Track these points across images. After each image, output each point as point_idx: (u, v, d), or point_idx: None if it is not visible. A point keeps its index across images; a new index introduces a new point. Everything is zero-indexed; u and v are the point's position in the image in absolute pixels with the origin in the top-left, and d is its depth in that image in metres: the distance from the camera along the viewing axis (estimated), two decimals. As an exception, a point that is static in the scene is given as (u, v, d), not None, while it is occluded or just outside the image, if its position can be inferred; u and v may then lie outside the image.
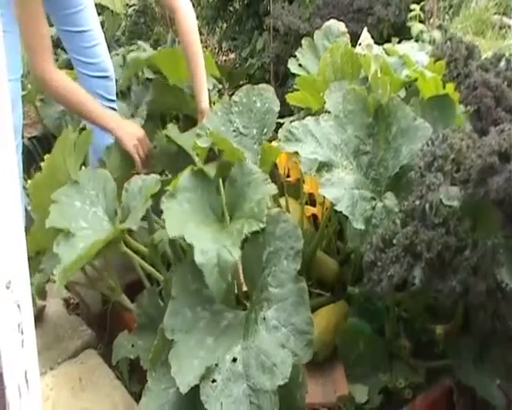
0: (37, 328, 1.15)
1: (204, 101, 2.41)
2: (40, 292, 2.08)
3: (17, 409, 1.07)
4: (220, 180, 1.83)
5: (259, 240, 1.57)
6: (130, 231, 1.86)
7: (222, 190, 1.80)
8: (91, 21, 2.62)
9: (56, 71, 2.22)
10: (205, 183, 1.72)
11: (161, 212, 1.60)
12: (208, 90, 2.49)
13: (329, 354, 1.89)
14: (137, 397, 1.64)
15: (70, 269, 1.66)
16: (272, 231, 1.55)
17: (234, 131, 2.09)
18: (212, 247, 1.50)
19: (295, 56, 2.40)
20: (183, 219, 1.59)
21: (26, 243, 1.10)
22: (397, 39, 3.03)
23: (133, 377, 2.02)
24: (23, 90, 3.02)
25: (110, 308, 2.19)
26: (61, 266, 1.64)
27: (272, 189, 1.65)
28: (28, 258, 1.11)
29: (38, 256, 1.95)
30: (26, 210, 2.32)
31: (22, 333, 1.08)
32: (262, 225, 1.54)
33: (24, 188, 2.43)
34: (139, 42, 3.65)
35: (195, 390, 1.41)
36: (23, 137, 3.32)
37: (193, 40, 2.44)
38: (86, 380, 2.01)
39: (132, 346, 1.91)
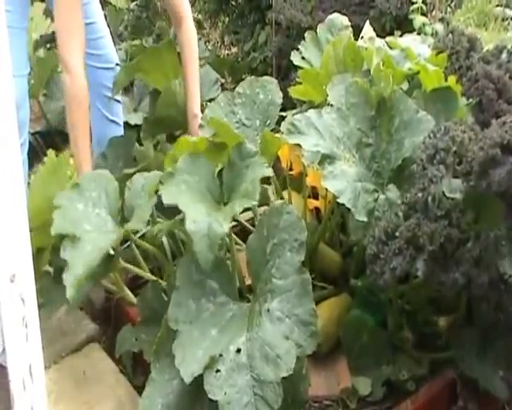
0: (41, 322, 1.16)
1: (196, 106, 2.47)
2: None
3: (21, 402, 1.08)
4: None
5: (263, 232, 1.58)
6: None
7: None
8: (97, 14, 2.66)
9: (79, 70, 2.19)
10: (203, 166, 1.71)
11: (160, 201, 1.60)
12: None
13: (332, 346, 1.90)
14: (141, 390, 1.63)
15: (84, 278, 1.62)
16: (276, 223, 1.56)
17: (237, 122, 2.09)
18: (204, 218, 1.51)
19: (298, 50, 2.39)
20: (179, 195, 1.60)
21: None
22: (399, 32, 3.03)
23: (137, 370, 2.02)
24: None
25: (114, 302, 2.20)
26: (71, 273, 1.60)
27: (269, 171, 1.66)
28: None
29: (41, 253, 1.95)
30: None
31: (26, 327, 1.08)
32: (254, 202, 1.55)
33: (28, 184, 2.43)
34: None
35: (199, 382, 1.42)
36: (27, 133, 3.32)
37: (193, 50, 2.54)
38: (90, 374, 2.01)
39: (136, 339, 1.92)
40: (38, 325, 1.12)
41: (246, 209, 1.72)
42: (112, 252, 1.80)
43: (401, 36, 2.69)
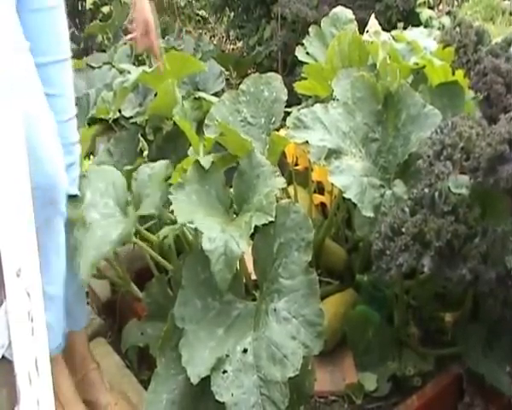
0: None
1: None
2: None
3: (28, 397, 1.07)
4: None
5: (270, 231, 1.56)
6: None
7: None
8: None
9: None
10: (212, 175, 1.70)
11: (170, 203, 1.60)
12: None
13: (338, 342, 1.89)
14: (146, 385, 1.64)
15: (96, 262, 1.66)
16: (283, 222, 1.54)
17: (241, 120, 2.07)
18: (221, 236, 1.50)
19: (303, 44, 2.38)
20: (191, 210, 1.59)
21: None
22: (404, 25, 3.01)
23: (142, 365, 2.02)
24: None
25: (119, 297, 2.20)
26: (85, 259, 1.63)
27: (281, 182, 1.64)
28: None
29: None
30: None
31: (32, 321, 1.08)
32: (271, 218, 1.53)
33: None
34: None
35: (205, 379, 1.41)
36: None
37: None
38: (96, 368, 2.02)
39: (141, 334, 1.92)
40: (44, 319, 1.11)
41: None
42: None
43: (405, 28, 2.68)
